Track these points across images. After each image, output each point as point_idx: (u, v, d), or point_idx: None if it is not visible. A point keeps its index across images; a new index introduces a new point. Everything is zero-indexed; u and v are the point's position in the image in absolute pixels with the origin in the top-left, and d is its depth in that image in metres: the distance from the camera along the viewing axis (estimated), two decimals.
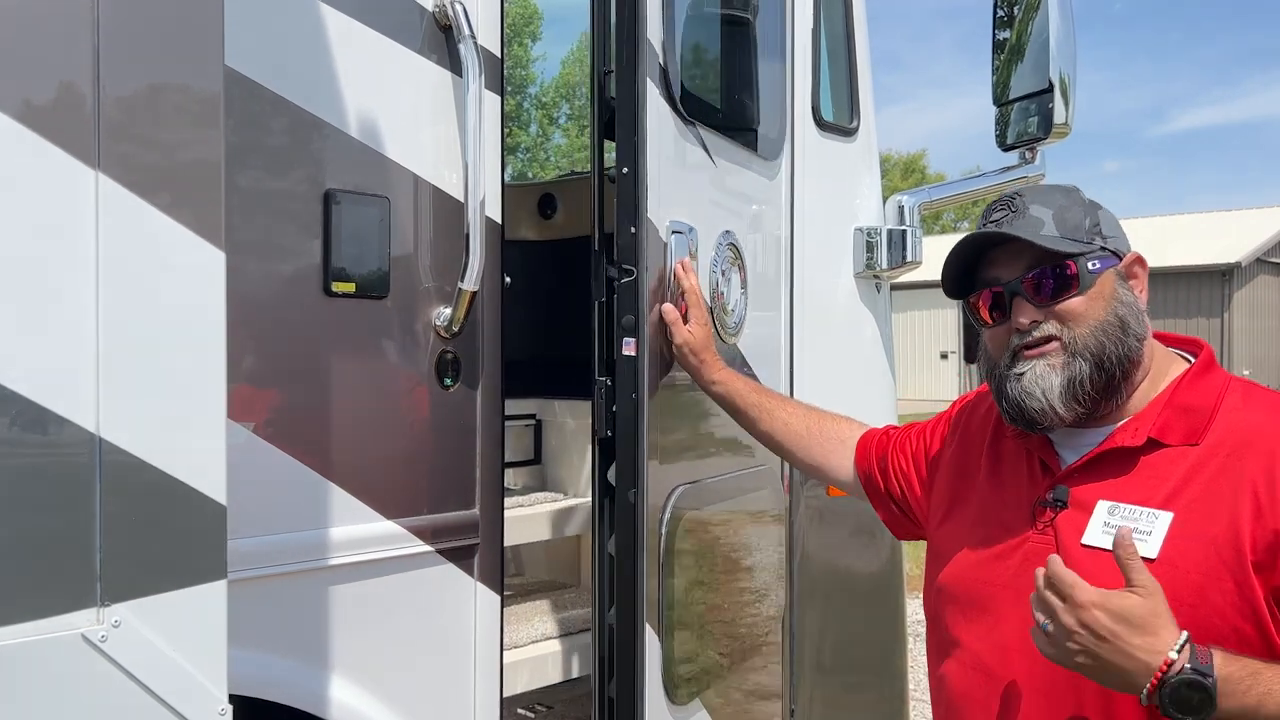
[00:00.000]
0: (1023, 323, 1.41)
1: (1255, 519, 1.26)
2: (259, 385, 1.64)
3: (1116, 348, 1.38)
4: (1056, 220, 1.42)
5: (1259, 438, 1.31)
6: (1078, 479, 1.41)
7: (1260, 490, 1.27)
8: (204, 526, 1.14)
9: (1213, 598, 1.26)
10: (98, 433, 1.05)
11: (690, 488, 2.00)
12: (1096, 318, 1.39)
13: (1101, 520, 1.35)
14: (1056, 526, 1.40)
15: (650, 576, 1.87)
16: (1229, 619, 1.26)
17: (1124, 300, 1.40)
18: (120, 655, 1.05)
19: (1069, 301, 1.39)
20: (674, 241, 1.91)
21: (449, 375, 1.85)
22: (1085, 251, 1.40)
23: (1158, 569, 1.26)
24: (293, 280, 1.67)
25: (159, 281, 1.11)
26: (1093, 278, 1.39)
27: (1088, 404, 1.39)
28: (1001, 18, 2.64)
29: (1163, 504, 1.32)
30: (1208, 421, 1.36)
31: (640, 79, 1.83)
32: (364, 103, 1.73)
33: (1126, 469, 1.38)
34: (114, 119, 1.08)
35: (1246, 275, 24.51)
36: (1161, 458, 1.36)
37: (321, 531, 1.68)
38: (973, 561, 1.50)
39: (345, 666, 1.72)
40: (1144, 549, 1.28)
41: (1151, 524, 1.31)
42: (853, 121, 2.59)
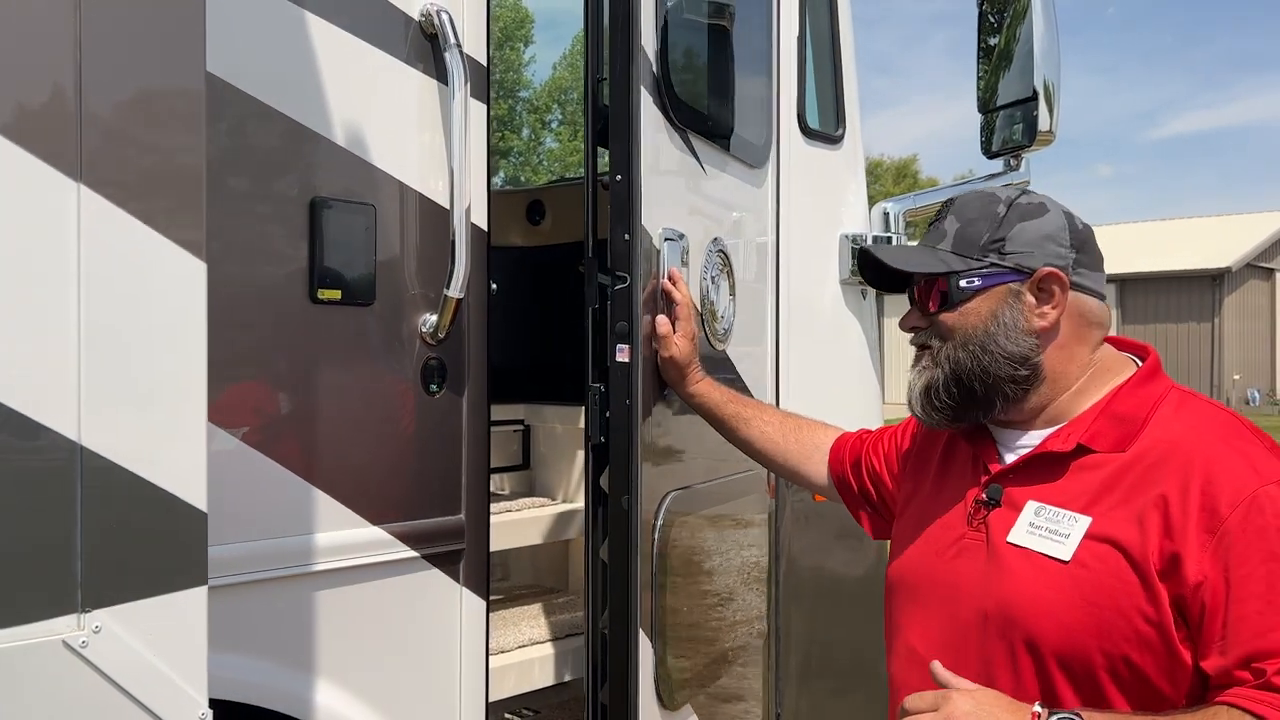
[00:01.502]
0: (904, 327, 1.53)
1: (1163, 533, 1.30)
2: (245, 392, 1.64)
3: (973, 364, 1.44)
4: (957, 234, 1.49)
5: (1178, 451, 1.35)
6: (1012, 479, 1.46)
7: (1172, 505, 1.30)
8: (184, 533, 1.15)
9: (1119, 601, 1.30)
10: (79, 440, 1.06)
11: (682, 493, 2.02)
12: (963, 333, 1.46)
13: (1028, 520, 1.40)
14: (989, 524, 1.45)
15: (643, 582, 1.88)
16: (1133, 622, 1.30)
17: (1002, 320, 1.44)
18: (101, 660, 1.06)
19: (941, 315, 1.48)
20: (666, 249, 1.93)
21: (434, 381, 1.86)
22: (965, 269, 1.46)
23: (1071, 569, 1.33)
24: (279, 287, 1.67)
25: (140, 291, 1.12)
26: (964, 293, 1.46)
27: (946, 410, 1.48)
28: (987, 27, 2.66)
29: (1084, 508, 1.37)
30: (1138, 431, 1.39)
31: (634, 86, 1.85)
32: (350, 111, 1.74)
33: (1058, 472, 1.42)
34: (96, 131, 1.08)
35: (1237, 280, 24.62)
36: (1091, 462, 1.40)
37: (307, 537, 1.69)
38: (915, 555, 1.56)
39: (330, 671, 1.72)
40: (1059, 550, 1.35)
41: (1071, 526, 1.36)
42: (838, 129, 2.61)
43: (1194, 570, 1.27)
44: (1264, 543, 1.26)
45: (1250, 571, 1.25)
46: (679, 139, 1.99)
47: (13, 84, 1.04)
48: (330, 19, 1.71)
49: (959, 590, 1.45)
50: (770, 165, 2.37)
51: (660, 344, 1.92)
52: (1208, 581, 1.26)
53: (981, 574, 1.43)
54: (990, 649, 1.40)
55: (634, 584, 1.85)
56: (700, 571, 2.13)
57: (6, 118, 1.03)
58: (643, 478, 1.88)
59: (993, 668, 1.38)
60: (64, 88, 1.07)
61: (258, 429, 1.64)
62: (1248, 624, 1.24)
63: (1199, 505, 1.29)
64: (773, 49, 2.36)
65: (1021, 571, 1.37)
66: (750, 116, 2.43)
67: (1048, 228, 1.46)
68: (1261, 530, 1.26)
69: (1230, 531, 1.27)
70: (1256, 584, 1.25)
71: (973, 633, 1.42)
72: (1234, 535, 1.26)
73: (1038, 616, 1.35)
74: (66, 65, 1.07)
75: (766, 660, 2.42)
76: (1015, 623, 1.37)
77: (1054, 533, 1.36)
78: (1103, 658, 1.31)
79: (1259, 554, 1.25)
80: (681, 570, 2.03)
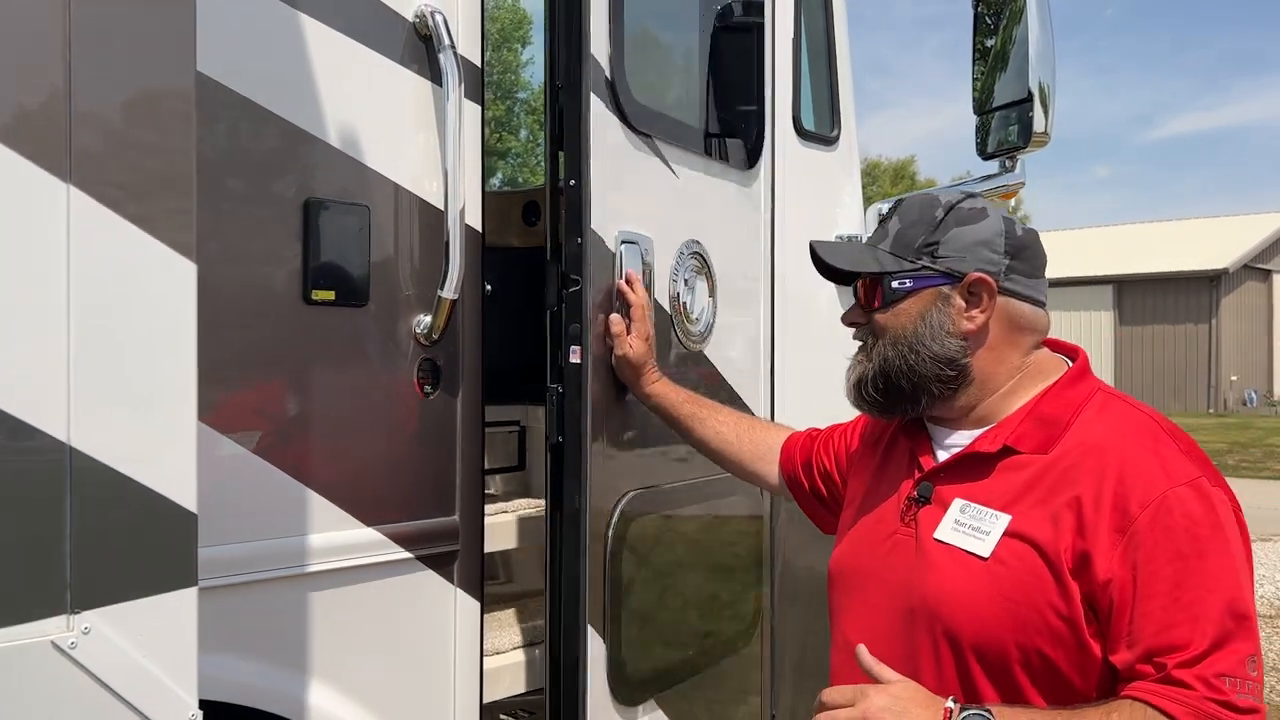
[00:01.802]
0: (845, 321, 1.60)
1: (1076, 532, 1.34)
2: (238, 393, 1.64)
3: (901, 362, 1.50)
4: (896, 236, 1.53)
5: (1096, 453, 1.39)
6: (942, 478, 1.51)
7: (1086, 505, 1.35)
8: (174, 534, 1.15)
9: (1033, 596, 1.35)
10: (68, 441, 1.06)
11: (644, 493, 2.03)
12: (894, 332, 1.51)
13: (953, 517, 1.45)
14: (918, 520, 1.50)
15: (593, 579, 1.90)
16: (1046, 617, 1.34)
17: (930, 321, 1.49)
18: (90, 662, 1.06)
19: (875, 313, 1.54)
20: (625, 251, 1.96)
21: (429, 383, 1.86)
22: (899, 270, 1.50)
23: (990, 566, 1.39)
24: (273, 288, 1.67)
25: (130, 293, 1.12)
26: (896, 294, 1.51)
27: (874, 403, 1.55)
28: (983, 29, 2.66)
29: (1004, 506, 1.41)
30: (1061, 433, 1.43)
31: (584, 94, 1.87)
32: (344, 112, 1.74)
33: (985, 472, 1.47)
34: (86, 131, 1.08)
35: (1234, 281, 24.66)
36: (1015, 463, 1.45)
37: (301, 538, 1.69)
38: (852, 549, 1.61)
39: (324, 673, 1.72)
40: (980, 547, 1.40)
41: (992, 524, 1.41)
42: (834, 130, 2.61)
43: (1104, 568, 1.32)
44: (1171, 542, 1.30)
45: (1157, 570, 1.30)
46: (643, 144, 2.00)
47: (1, 84, 1.04)
48: (324, 20, 1.71)
49: (890, 585, 1.50)
50: (763, 167, 2.37)
51: (614, 344, 1.95)
52: (1116, 579, 1.31)
53: (910, 569, 1.48)
54: (916, 642, 1.45)
55: (582, 582, 1.87)
56: (667, 571, 2.14)
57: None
58: (593, 477, 1.90)
59: (918, 660, 1.43)
60: (54, 88, 1.07)
61: (251, 430, 1.64)
62: (1152, 620, 1.29)
63: (1111, 505, 1.33)
64: (764, 52, 2.36)
65: (944, 567, 1.43)
66: (735, 120, 2.44)
67: (983, 234, 1.50)
68: (1169, 530, 1.31)
69: (1139, 531, 1.31)
70: (1162, 582, 1.29)
71: (900, 626, 1.47)
72: (1143, 535, 1.31)
73: (957, 610, 1.41)
74: (56, 65, 1.07)
75: (760, 660, 2.42)
76: (937, 616, 1.43)
77: (976, 530, 1.42)
78: (1018, 651, 1.36)
79: (1165, 553, 1.30)
80: (642, 569, 2.04)
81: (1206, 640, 1.27)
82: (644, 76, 2.15)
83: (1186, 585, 1.29)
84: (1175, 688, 1.26)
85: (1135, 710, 1.26)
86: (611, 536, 1.94)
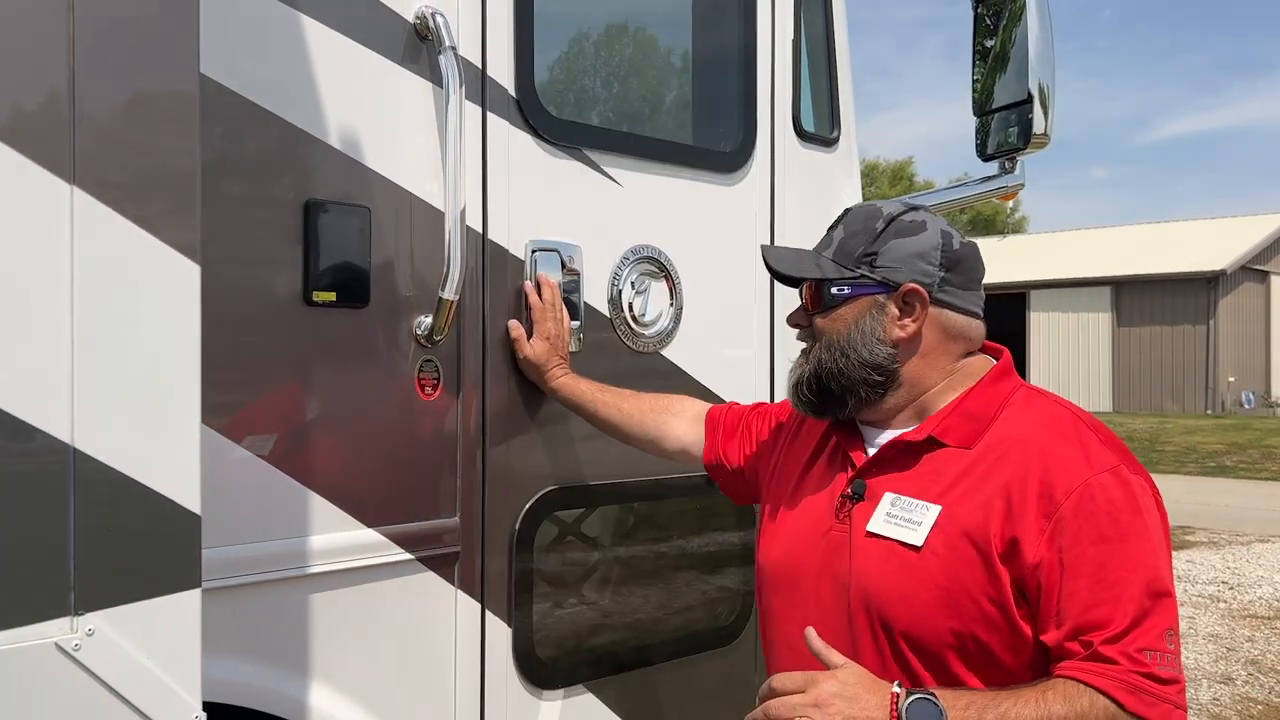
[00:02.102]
0: (789, 322, 1.66)
1: (1005, 518, 1.41)
2: (240, 394, 1.64)
3: (833, 365, 1.56)
4: (839, 244, 1.59)
5: (1020, 446, 1.46)
6: (873, 473, 1.56)
7: (1013, 493, 1.42)
8: (178, 535, 1.15)
9: (965, 582, 1.41)
10: (72, 443, 1.06)
11: (561, 490, 2.06)
12: (829, 336, 1.57)
13: (885, 510, 1.50)
14: (852, 517, 1.54)
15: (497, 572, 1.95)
16: (978, 602, 1.40)
17: (863, 328, 1.55)
18: (94, 663, 1.06)
19: (815, 317, 1.60)
20: (540, 259, 2.00)
21: (430, 384, 1.86)
22: (838, 277, 1.56)
23: (923, 555, 1.44)
24: (274, 289, 1.68)
25: (134, 294, 1.12)
26: (835, 300, 1.57)
27: (810, 404, 1.60)
28: (983, 30, 2.66)
29: (935, 498, 1.47)
30: (984, 428, 1.50)
31: (483, 115, 1.92)
32: (345, 113, 1.74)
33: (912, 465, 1.53)
34: (89, 132, 1.09)
35: (1232, 282, 24.67)
36: (943, 456, 1.51)
37: (301, 540, 1.69)
38: (785, 548, 1.64)
39: (325, 674, 1.72)
40: (912, 537, 1.46)
41: (923, 515, 1.46)
42: (833, 131, 2.61)
43: (1032, 552, 1.38)
44: (1094, 526, 1.38)
45: (1081, 553, 1.37)
46: (565, 155, 2.05)
47: (5, 85, 1.04)
48: (325, 21, 1.72)
49: (827, 580, 1.54)
50: (756, 169, 2.39)
51: (515, 346, 1.98)
52: (1044, 562, 1.38)
53: (846, 564, 1.52)
54: (856, 635, 1.49)
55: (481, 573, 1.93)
56: (592, 565, 2.19)
57: (1, 121, 1.03)
58: (512, 476, 1.97)
59: (859, 653, 1.47)
60: (57, 89, 1.07)
61: (251, 431, 1.64)
62: (1078, 600, 1.36)
63: (1037, 493, 1.40)
64: (755, 56, 2.38)
65: (879, 559, 1.48)
66: (712, 125, 2.46)
67: (919, 246, 1.55)
68: (1092, 515, 1.38)
69: (1065, 517, 1.38)
70: (1087, 564, 1.37)
71: (840, 620, 1.51)
72: (1068, 520, 1.38)
73: (894, 600, 1.45)
74: (59, 66, 1.07)
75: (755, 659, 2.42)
76: (875, 607, 1.47)
77: (908, 521, 1.47)
78: (953, 636, 1.42)
79: (1089, 537, 1.37)
80: (558, 563, 2.09)
81: (1128, 618, 1.34)
82: (575, 92, 2.29)
83: (1109, 566, 1.36)
84: (1102, 664, 1.33)
85: (1068, 687, 1.33)
86: (519, 529, 1.98)
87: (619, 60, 2.64)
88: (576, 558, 2.18)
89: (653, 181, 2.20)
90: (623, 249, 2.16)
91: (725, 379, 2.35)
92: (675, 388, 2.26)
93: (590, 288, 2.11)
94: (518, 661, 1.99)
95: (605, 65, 2.61)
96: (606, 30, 2.57)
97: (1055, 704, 1.31)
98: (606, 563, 2.22)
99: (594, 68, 2.58)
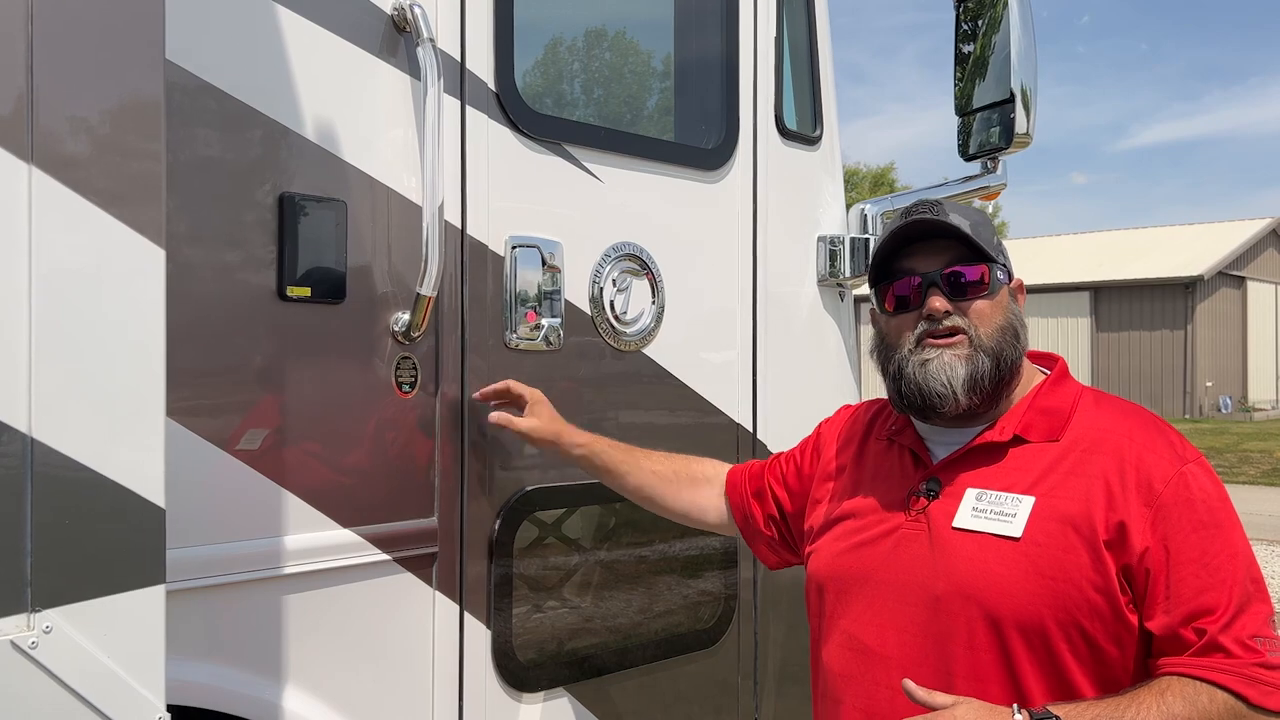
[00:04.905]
0: (936, 307, 1.51)
1: (1108, 506, 1.41)
2: (212, 390, 1.61)
3: (1011, 351, 1.53)
4: (973, 229, 1.53)
5: (1109, 437, 1.48)
6: (949, 471, 1.55)
7: (1112, 482, 1.43)
8: (141, 530, 1.11)
9: (1070, 572, 1.40)
10: (29, 433, 1.03)
11: (540, 490, 2.04)
12: (998, 321, 1.53)
13: (970, 505, 1.49)
14: (929, 514, 1.53)
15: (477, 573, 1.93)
16: (1084, 591, 1.40)
17: (1015, 313, 1.56)
18: (51, 662, 1.03)
19: (979, 301, 1.52)
20: (520, 255, 1.97)
21: (408, 381, 1.83)
22: (995, 261, 1.54)
23: (1023, 546, 1.43)
24: (247, 284, 1.65)
25: (95, 279, 1.09)
26: (999, 285, 1.55)
27: (982, 396, 1.52)
28: (965, 31, 2.66)
29: (1026, 490, 1.46)
30: (1065, 422, 1.51)
31: (462, 109, 1.89)
32: (320, 106, 1.72)
33: (993, 462, 1.52)
34: (48, 110, 1.05)
35: (1209, 288, 24.92)
36: (1025, 452, 1.51)
37: (276, 540, 1.66)
38: (846, 549, 1.61)
39: (299, 677, 1.69)
40: (1008, 529, 1.44)
41: (1016, 507, 1.45)
42: (816, 130, 2.60)
43: (1138, 540, 1.39)
44: (1193, 514, 1.40)
45: (1185, 539, 1.39)
46: (546, 150, 2.03)
47: None
48: (300, 12, 1.69)
49: (902, 578, 1.52)
50: (737, 167, 2.37)
51: (511, 429, 1.91)
52: (1150, 550, 1.39)
53: (928, 560, 1.50)
54: (944, 632, 1.47)
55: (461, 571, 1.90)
56: (571, 568, 2.17)
57: None
58: (494, 474, 1.95)
59: (948, 650, 1.46)
60: (13, 65, 1.03)
61: (224, 429, 1.61)
62: (1187, 585, 1.37)
63: (1135, 482, 1.42)
64: (736, 55, 2.37)
65: (973, 553, 1.46)
66: (694, 123, 2.45)
67: None
68: (1190, 503, 1.41)
69: (1166, 504, 1.40)
70: (1191, 550, 1.39)
71: (921, 616, 1.49)
72: (1169, 507, 1.40)
73: (995, 592, 1.43)
74: (16, 41, 1.04)
75: (738, 664, 2.40)
76: (972, 600, 1.44)
77: (1000, 514, 1.46)
78: (1057, 626, 1.41)
79: (1189, 524, 1.40)
80: (536, 562, 2.07)
81: (1234, 604, 1.36)
82: (556, 86, 2.26)
83: (1210, 552, 1.38)
84: (1216, 656, 1.34)
85: (1185, 686, 1.33)
86: (498, 529, 1.96)
87: (601, 55, 2.63)
88: (556, 559, 2.16)
89: (634, 178, 2.19)
90: (604, 246, 2.14)
91: (707, 376, 2.33)
92: (657, 387, 2.24)
93: (571, 285, 2.09)
94: (497, 664, 1.96)
95: (587, 59, 2.59)
96: (588, 24, 2.55)
97: (1176, 704, 1.30)
98: (587, 564, 2.19)
99: (575, 62, 2.57)
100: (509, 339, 1.98)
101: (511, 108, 1.97)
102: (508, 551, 1.98)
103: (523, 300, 2.00)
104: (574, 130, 2.13)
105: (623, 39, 2.67)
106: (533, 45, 2.24)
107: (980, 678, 1.43)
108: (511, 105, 1.97)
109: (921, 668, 1.46)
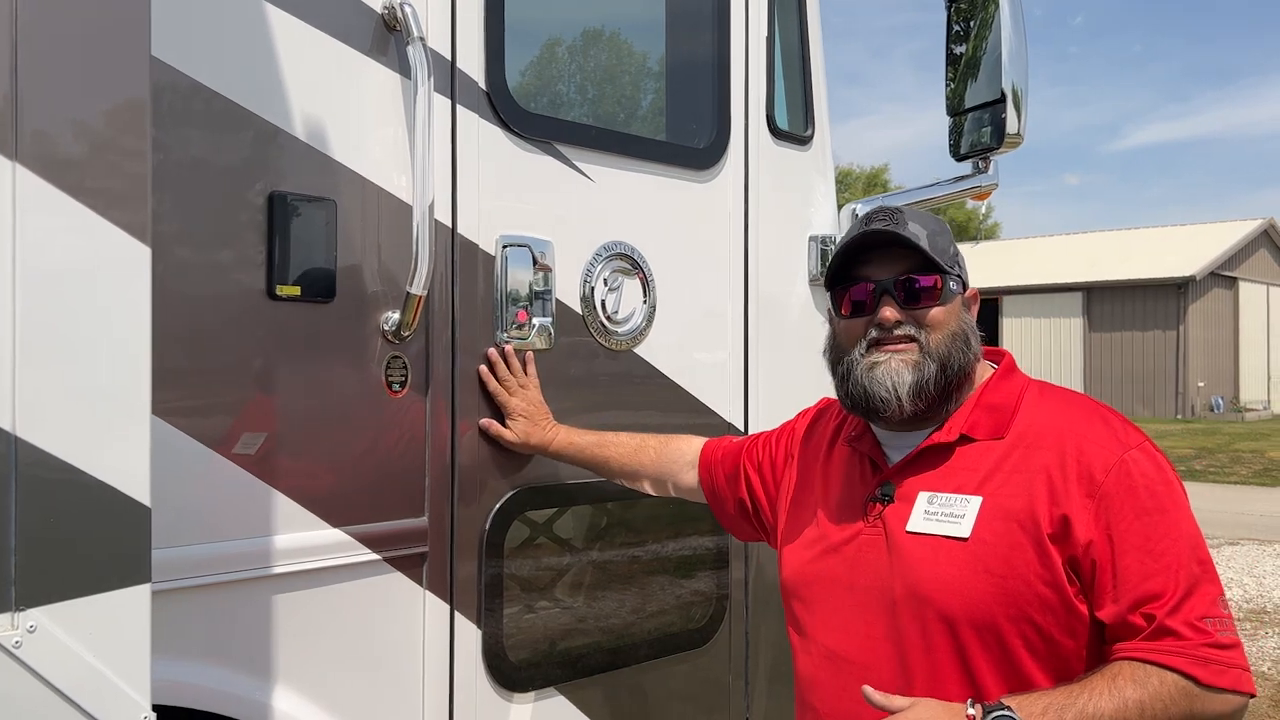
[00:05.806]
0: (888, 317, 1.54)
1: (1050, 500, 1.43)
2: (201, 389, 1.61)
3: (960, 357, 1.55)
4: (930, 240, 1.56)
5: (1051, 431, 1.50)
6: (902, 475, 1.57)
7: (1054, 475, 1.45)
8: (127, 528, 1.11)
9: (1018, 568, 1.42)
10: (14, 431, 1.02)
11: (530, 491, 2.04)
12: (950, 329, 1.55)
13: (923, 508, 1.51)
14: (885, 519, 1.55)
15: (467, 575, 1.93)
16: (1032, 586, 1.42)
17: (968, 321, 1.59)
18: (36, 661, 1.02)
19: (932, 309, 1.55)
20: (510, 254, 1.97)
21: (397, 381, 1.83)
22: (949, 271, 1.56)
23: (971, 546, 1.45)
24: (236, 283, 1.64)
25: (81, 278, 1.08)
26: (952, 295, 1.57)
27: (928, 402, 1.53)
28: (956, 32, 2.66)
29: (974, 490, 1.49)
30: (1010, 417, 1.53)
31: (453, 108, 1.90)
32: (310, 105, 1.71)
33: (942, 462, 1.54)
34: (34, 108, 1.05)
35: (1201, 289, 24.99)
36: (972, 451, 1.53)
37: (265, 539, 1.66)
38: (811, 558, 1.64)
39: (288, 677, 1.69)
40: (957, 530, 1.46)
41: (965, 508, 1.48)
42: (807, 129, 2.60)
43: (1082, 531, 1.41)
44: (1135, 500, 1.42)
45: (1128, 527, 1.41)
46: (538, 150, 2.03)
47: None
48: (290, 11, 1.69)
49: (863, 583, 1.54)
50: (728, 166, 2.37)
51: (500, 439, 1.96)
52: (1095, 541, 1.41)
53: (885, 565, 1.52)
54: (902, 632, 1.49)
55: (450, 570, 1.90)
56: (562, 569, 2.17)
57: None
58: (483, 475, 1.95)
59: (906, 653, 1.48)
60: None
61: (213, 428, 1.60)
62: (1132, 573, 1.39)
63: (1077, 473, 1.44)
64: (727, 55, 2.37)
65: (925, 555, 1.48)
66: (685, 123, 2.45)
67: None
68: (1132, 490, 1.42)
69: (1107, 494, 1.42)
70: (1134, 537, 1.40)
71: (882, 620, 1.51)
72: (1110, 497, 1.42)
73: (947, 593, 1.45)
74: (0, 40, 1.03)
75: (729, 664, 2.40)
76: (927, 602, 1.47)
77: (949, 516, 1.48)
78: (1009, 622, 1.43)
79: (1132, 511, 1.42)
80: (527, 562, 2.07)
81: (1181, 586, 1.38)
82: (547, 85, 2.28)
83: (1154, 538, 1.40)
84: (1167, 640, 1.35)
85: (1135, 670, 1.35)
86: (489, 529, 1.96)
87: (592, 54, 2.63)
88: (548, 559, 2.16)
89: (625, 178, 2.19)
90: (595, 245, 2.14)
91: (699, 375, 2.33)
92: (649, 386, 2.24)
93: (562, 284, 2.08)
94: (487, 663, 1.96)
95: (578, 59, 2.59)
96: (580, 23, 2.55)
97: (1127, 688, 1.33)
98: (578, 564, 2.19)
99: (566, 61, 2.56)
100: (500, 338, 1.98)
101: (502, 107, 1.97)
102: (498, 551, 1.98)
103: (513, 300, 2.00)
104: (565, 129, 2.13)
105: (614, 38, 2.67)
106: (524, 44, 2.23)
107: (938, 678, 1.45)
108: (502, 104, 1.97)
109: (884, 671, 1.48)
